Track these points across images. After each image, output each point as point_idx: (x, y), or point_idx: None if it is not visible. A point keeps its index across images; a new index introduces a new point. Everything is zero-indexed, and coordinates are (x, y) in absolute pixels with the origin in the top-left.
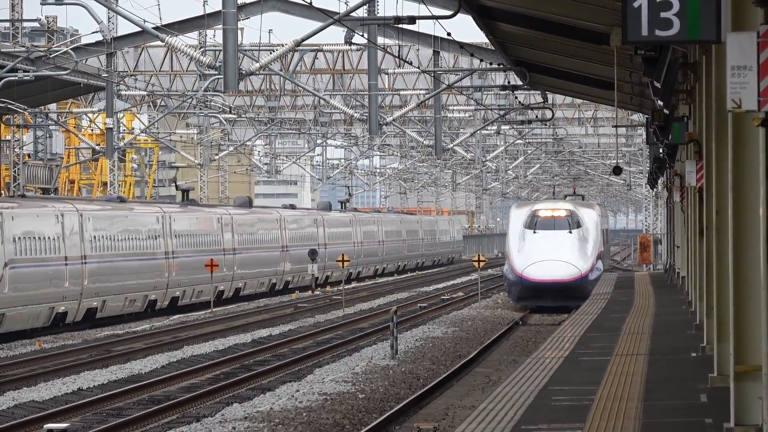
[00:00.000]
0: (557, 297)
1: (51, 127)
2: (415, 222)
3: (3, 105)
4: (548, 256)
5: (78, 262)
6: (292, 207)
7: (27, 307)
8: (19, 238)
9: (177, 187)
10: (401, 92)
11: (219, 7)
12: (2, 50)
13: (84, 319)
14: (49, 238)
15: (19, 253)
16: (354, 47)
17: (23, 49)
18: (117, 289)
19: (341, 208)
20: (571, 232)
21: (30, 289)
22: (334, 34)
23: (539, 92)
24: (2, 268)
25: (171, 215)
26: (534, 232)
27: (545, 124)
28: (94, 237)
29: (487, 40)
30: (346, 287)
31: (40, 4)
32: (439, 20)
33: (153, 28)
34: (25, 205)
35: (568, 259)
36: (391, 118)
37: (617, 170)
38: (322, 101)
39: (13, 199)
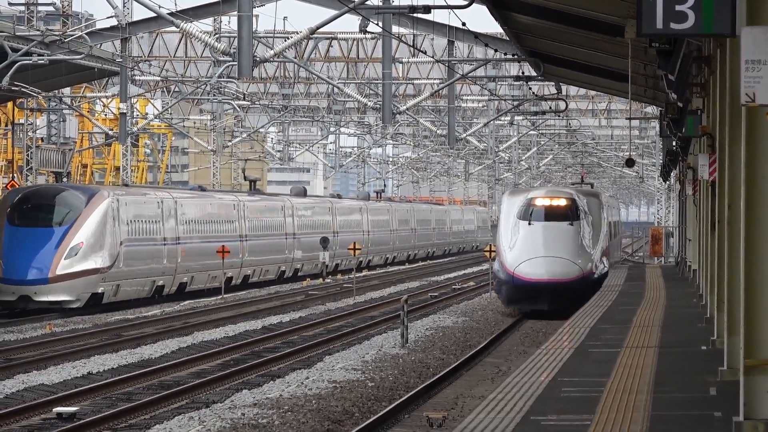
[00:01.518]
0: (554, 299)
1: (64, 112)
2: (443, 212)
3: (17, 89)
4: (544, 251)
5: (174, 243)
6: (339, 197)
7: (136, 280)
8: (130, 221)
9: (245, 177)
10: (415, 81)
11: None
12: (17, 34)
13: (176, 292)
14: (152, 221)
15: (130, 234)
16: (368, 36)
17: (38, 33)
18: (202, 267)
19: (378, 198)
20: (571, 224)
21: (138, 264)
22: (349, 23)
23: (553, 83)
24: (118, 246)
25: (244, 203)
26: (529, 224)
27: (558, 116)
28: (186, 221)
29: (502, 31)
30: (358, 275)
31: None
32: (454, 10)
33: (168, 13)
34: (132, 193)
35: (567, 255)
36: (405, 107)
37: (630, 162)
38: (335, 89)
39: (120, 187)
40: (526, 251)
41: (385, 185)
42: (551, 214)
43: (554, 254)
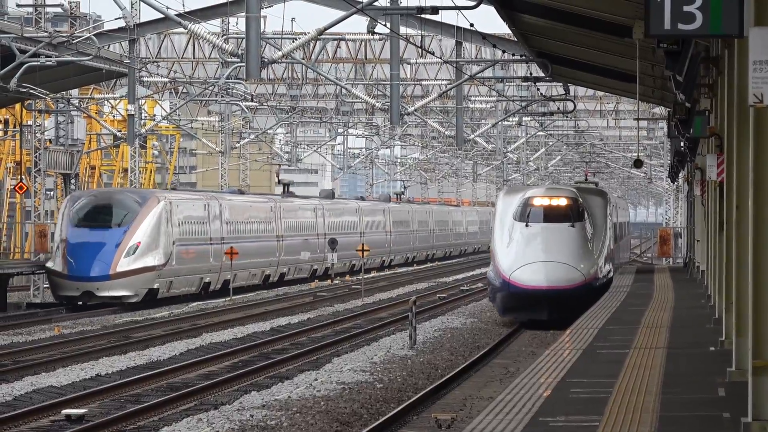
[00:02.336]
0: (554, 309)
1: (72, 113)
2: (460, 213)
3: (25, 90)
4: (543, 256)
5: (219, 243)
6: (362, 199)
7: (186, 277)
8: (181, 222)
9: (279, 181)
10: (423, 82)
11: None
12: (25, 35)
13: (221, 289)
14: (200, 222)
15: (181, 234)
16: (376, 37)
17: (46, 34)
18: (244, 266)
19: (398, 199)
20: (573, 226)
21: (188, 262)
22: (357, 24)
23: (561, 84)
24: (172, 245)
25: (280, 205)
26: (526, 226)
27: (567, 116)
28: (230, 222)
29: (510, 32)
30: (366, 276)
31: None
32: (462, 11)
33: (176, 14)
34: (181, 196)
35: (568, 259)
36: (413, 108)
37: (638, 163)
38: (343, 90)
39: (169, 191)
40: (523, 256)
41: (405, 188)
42: (550, 215)
43: (554, 259)
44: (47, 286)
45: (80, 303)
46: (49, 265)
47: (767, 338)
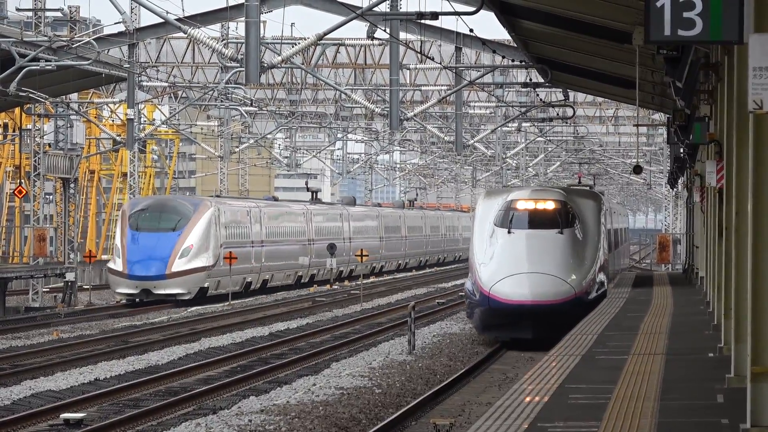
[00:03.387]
0: (540, 326)
1: (72, 117)
2: (469, 218)
3: (24, 94)
4: (528, 266)
5: (260, 246)
6: (379, 205)
7: (232, 277)
8: (227, 226)
9: (308, 189)
10: (422, 88)
11: (242, 0)
12: (24, 39)
13: (260, 288)
14: (243, 227)
15: (228, 237)
16: (376, 42)
17: (45, 38)
18: (280, 267)
19: (411, 205)
20: (561, 233)
21: (234, 263)
22: (357, 29)
23: (560, 90)
24: (219, 248)
25: (311, 211)
26: (508, 233)
27: (566, 122)
28: (268, 227)
29: (510, 37)
30: (365, 282)
31: None
32: (462, 16)
33: (175, 19)
34: (225, 202)
35: (556, 271)
36: (412, 113)
37: (637, 169)
38: (343, 95)
39: (214, 198)
40: (505, 266)
41: (417, 194)
42: (536, 221)
43: (540, 270)
44: (46, 290)
45: (138, 300)
46: (110, 265)
47: (766, 345)
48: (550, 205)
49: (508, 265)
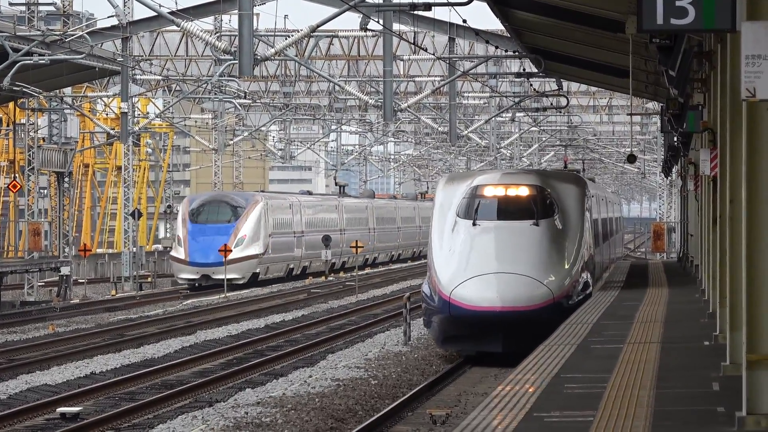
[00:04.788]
0: (511, 338)
1: (66, 111)
2: None
3: (18, 88)
4: (497, 265)
5: (300, 235)
6: (395, 197)
7: (277, 264)
8: (274, 218)
9: (336, 183)
10: (416, 79)
11: None
12: (18, 34)
13: (300, 274)
14: (287, 218)
15: (275, 228)
16: (369, 33)
17: (39, 32)
18: (316, 255)
19: (422, 197)
20: (537, 224)
21: (280, 252)
22: (350, 20)
23: (554, 80)
24: (268, 237)
25: (342, 203)
26: (473, 225)
27: (560, 112)
28: (306, 219)
29: (503, 27)
30: (360, 273)
31: None
32: (455, 7)
33: (168, 12)
34: (270, 196)
35: (530, 270)
36: (406, 104)
37: (632, 158)
38: (337, 87)
39: (265, 193)
40: (469, 266)
41: (428, 187)
42: (507, 210)
43: (511, 270)
44: (41, 284)
45: (197, 285)
46: (173, 253)
47: (761, 332)
48: (523, 192)
49: (473, 264)
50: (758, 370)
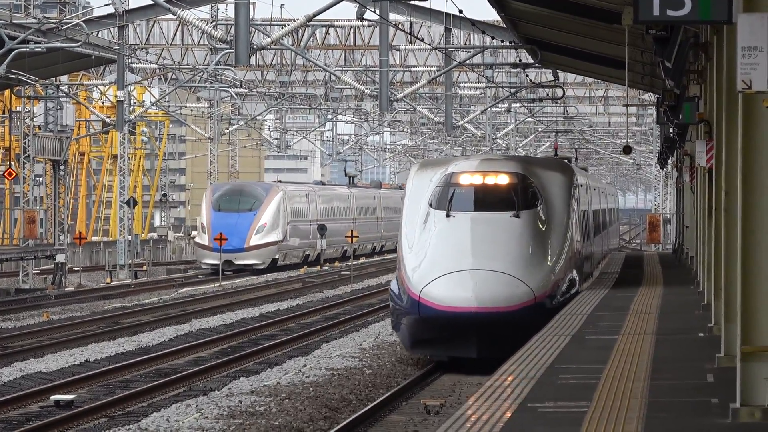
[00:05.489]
0: (487, 342)
1: (62, 99)
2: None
3: (14, 76)
4: (472, 261)
5: (316, 223)
6: (400, 188)
7: (295, 249)
8: (292, 207)
9: (346, 174)
10: (412, 69)
11: None
12: (14, 21)
13: (315, 260)
14: (303, 207)
15: (293, 216)
16: (366, 23)
17: (35, 20)
18: (330, 243)
19: None
20: (518, 216)
21: (298, 239)
22: (346, 10)
23: (550, 70)
24: (286, 225)
25: (354, 193)
26: (447, 216)
27: (556, 103)
28: (321, 208)
29: (499, 18)
30: (355, 263)
31: None
32: None
33: (165, 1)
34: (288, 186)
35: (510, 267)
36: (402, 94)
37: (627, 149)
38: (333, 77)
39: (284, 183)
40: (442, 261)
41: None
42: (485, 200)
43: (488, 266)
44: (36, 271)
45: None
46: (197, 240)
47: (756, 324)
48: (503, 180)
49: (446, 259)
50: (753, 361)
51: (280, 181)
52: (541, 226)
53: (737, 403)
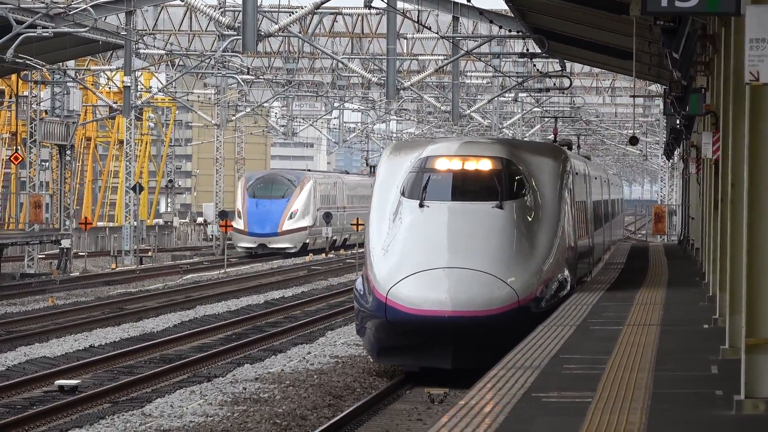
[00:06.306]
0: (464, 351)
1: (68, 84)
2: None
3: (21, 61)
4: (448, 258)
5: (342, 210)
6: None
7: (323, 235)
8: (321, 194)
9: (368, 164)
10: (419, 57)
11: None
12: (21, 6)
13: (341, 245)
14: (331, 195)
15: (322, 203)
16: (373, 11)
17: (42, 5)
18: (353, 229)
19: None
20: (501, 207)
21: (325, 224)
22: None
23: (557, 60)
24: (316, 211)
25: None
26: (421, 206)
27: (563, 93)
28: (347, 195)
29: (507, 7)
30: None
31: None
32: None
33: None
34: (318, 175)
35: (491, 266)
36: (409, 83)
37: (634, 140)
38: (340, 64)
39: (313, 171)
40: (413, 258)
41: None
42: (464, 188)
43: (467, 264)
44: (42, 256)
45: (255, 254)
46: (234, 224)
47: (761, 316)
48: (485, 165)
49: (418, 255)
50: (757, 353)
51: (309, 170)
52: (528, 218)
53: (741, 395)
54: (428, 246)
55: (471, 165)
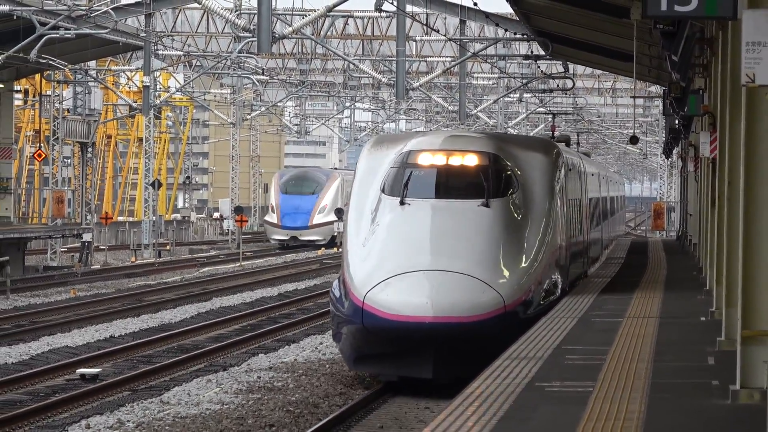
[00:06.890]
0: (446, 359)
1: (90, 84)
2: None
3: (44, 61)
4: (430, 260)
5: None
6: None
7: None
8: (347, 190)
9: None
10: (428, 59)
11: None
12: (45, 8)
13: None
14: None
15: (348, 199)
16: (384, 14)
17: (65, 7)
18: None
19: None
20: (488, 205)
21: None
22: (365, 1)
23: (561, 62)
24: (343, 205)
25: None
26: (401, 204)
27: (566, 93)
28: None
29: (512, 11)
30: None
31: None
32: None
33: None
34: (345, 173)
35: (475, 268)
36: (418, 83)
37: (634, 140)
38: (351, 65)
39: (337, 170)
40: (393, 260)
41: None
42: (448, 185)
43: (449, 266)
44: (64, 250)
45: (287, 245)
46: (266, 218)
47: (756, 309)
48: (471, 160)
49: (398, 257)
50: (752, 345)
51: (336, 168)
52: (516, 217)
53: (737, 385)
54: (409, 247)
55: (456, 160)
